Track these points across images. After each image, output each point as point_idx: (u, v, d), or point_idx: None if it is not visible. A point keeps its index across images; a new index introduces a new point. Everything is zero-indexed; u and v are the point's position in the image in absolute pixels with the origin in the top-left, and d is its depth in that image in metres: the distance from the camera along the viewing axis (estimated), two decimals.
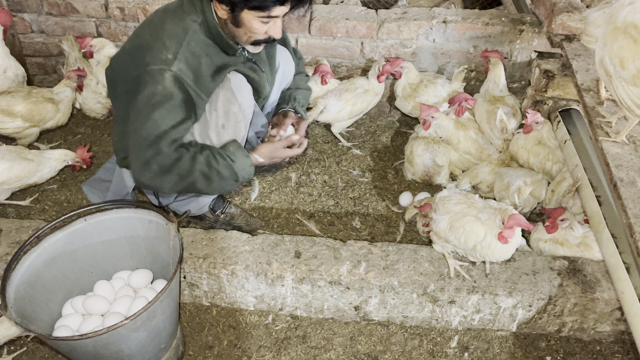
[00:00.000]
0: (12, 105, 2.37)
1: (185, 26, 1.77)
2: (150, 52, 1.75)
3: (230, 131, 1.93)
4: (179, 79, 1.74)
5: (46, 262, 1.73)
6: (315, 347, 1.96)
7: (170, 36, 1.75)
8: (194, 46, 1.78)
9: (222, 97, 1.90)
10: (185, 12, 1.80)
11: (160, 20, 1.81)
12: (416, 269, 1.90)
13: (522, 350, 1.96)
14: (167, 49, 1.74)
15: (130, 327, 1.49)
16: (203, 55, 1.81)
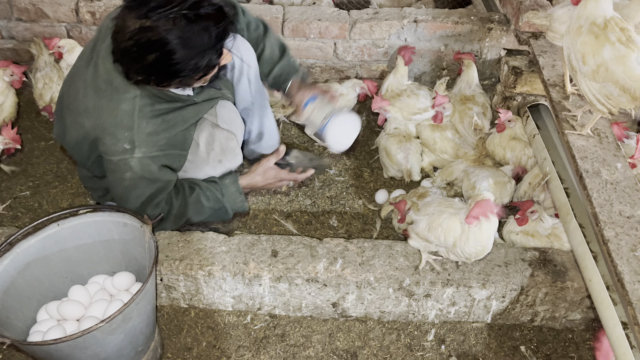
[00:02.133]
0: None
1: (126, 109, 1.65)
2: (102, 144, 1.68)
3: (228, 163, 1.99)
4: (146, 158, 1.72)
5: (19, 268, 1.71)
6: (294, 345, 1.98)
7: (116, 127, 1.65)
8: (146, 125, 1.69)
9: (219, 137, 1.94)
10: (119, 91, 1.65)
11: (95, 107, 1.67)
12: (391, 264, 1.93)
13: (497, 341, 2.00)
14: (120, 140, 1.66)
15: (106, 330, 1.49)
16: (159, 123, 1.73)
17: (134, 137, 1.68)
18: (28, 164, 2.66)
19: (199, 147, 1.96)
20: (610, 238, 1.63)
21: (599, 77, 1.73)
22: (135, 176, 1.74)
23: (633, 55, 1.67)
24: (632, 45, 1.67)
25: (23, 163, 2.68)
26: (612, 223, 1.68)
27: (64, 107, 1.82)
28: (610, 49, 1.69)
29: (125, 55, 1.54)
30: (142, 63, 1.52)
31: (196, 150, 1.95)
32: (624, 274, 1.54)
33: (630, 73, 1.67)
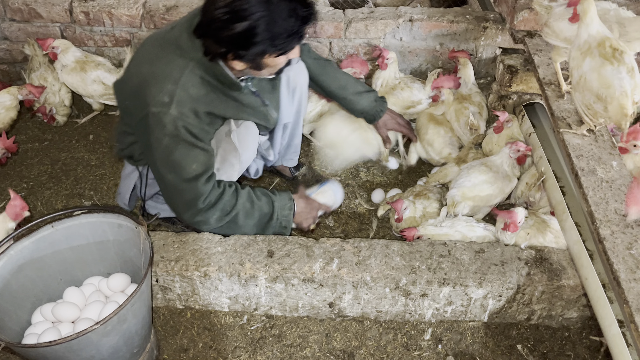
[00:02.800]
0: None
1: (181, 65, 1.69)
2: (149, 92, 1.70)
3: (223, 174, 1.94)
4: (180, 120, 1.69)
5: (13, 270, 1.70)
6: (291, 345, 1.97)
7: (165, 77, 1.68)
8: (191, 86, 1.70)
9: (224, 146, 1.91)
10: (182, 50, 1.70)
11: (156, 56, 1.73)
12: (388, 264, 1.92)
13: (494, 340, 2.00)
14: (163, 91, 1.67)
15: (101, 332, 1.48)
16: (203, 93, 1.74)
17: (175, 92, 1.68)
18: (22, 165, 2.65)
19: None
20: (606, 236, 1.64)
21: (580, 87, 1.82)
22: (172, 135, 1.69)
23: (609, 67, 1.73)
24: (614, 59, 1.73)
25: (17, 165, 2.67)
26: (607, 221, 1.68)
27: (132, 64, 1.85)
28: (590, 60, 1.76)
29: (212, 24, 1.57)
30: (227, 32, 1.56)
31: None
32: (620, 272, 1.54)
33: (603, 81, 1.74)
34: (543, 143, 2.25)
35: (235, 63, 1.68)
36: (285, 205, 1.98)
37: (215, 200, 1.82)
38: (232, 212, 1.87)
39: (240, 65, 1.69)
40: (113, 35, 2.86)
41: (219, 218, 1.86)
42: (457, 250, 1.98)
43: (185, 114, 1.70)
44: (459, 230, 2.09)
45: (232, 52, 1.62)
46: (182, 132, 1.70)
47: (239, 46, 1.60)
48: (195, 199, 1.78)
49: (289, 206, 1.98)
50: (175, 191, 1.81)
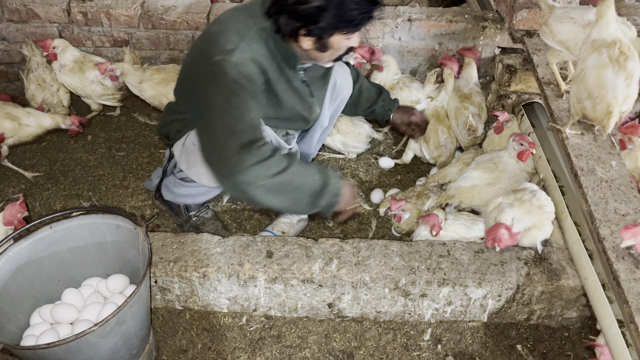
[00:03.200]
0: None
1: (249, 24, 1.76)
2: (214, 45, 1.73)
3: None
4: (241, 65, 1.70)
5: (11, 271, 1.69)
6: (290, 346, 1.97)
7: (232, 30, 1.74)
8: (255, 44, 1.75)
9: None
10: (253, 13, 1.78)
11: (227, 17, 1.81)
12: (387, 264, 1.92)
13: (493, 340, 2.00)
14: (229, 41, 1.72)
15: (100, 334, 1.47)
16: (264, 52, 1.77)
17: (240, 43, 1.71)
18: (20, 165, 2.64)
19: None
20: (605, 236, 1.63)
21: (578, 79, 1.82)
22: (232, 80, 1.69)
23: (610, 70, 1.73)
24: (616, 63, 1.73)
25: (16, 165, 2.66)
26: (607, 221, 1.68)
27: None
28: (596, 57, 1.76)
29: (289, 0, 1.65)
30: (304, 6, 1.64)
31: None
32: (620, 272, 1.54)
33: (600, 81, 1.75)
34: (542, 142, 2.25)
35: (305, 40, 1.74)
36: (336, 174, 1.85)
37: (271, 153, 1.70)
38: (288, 170, 1.71)
39: (308, 44, 1.75)
40: (111, 36, 2.85)
41: (271, 176, 1.69)
42: (457, 250, 1.98)
43: (246, 62, 1.71)
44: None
45: (305, 27, 1.68)
46: (242, 80, 1.71)
47: (313, 20, 1.66)
48: (251, 143, 1.67)
49: (339, 175, 1.87)
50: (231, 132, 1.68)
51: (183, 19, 2.78)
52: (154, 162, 2.70)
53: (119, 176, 2.62)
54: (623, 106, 1.77)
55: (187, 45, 2.88)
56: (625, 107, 1.78)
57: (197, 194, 2.13)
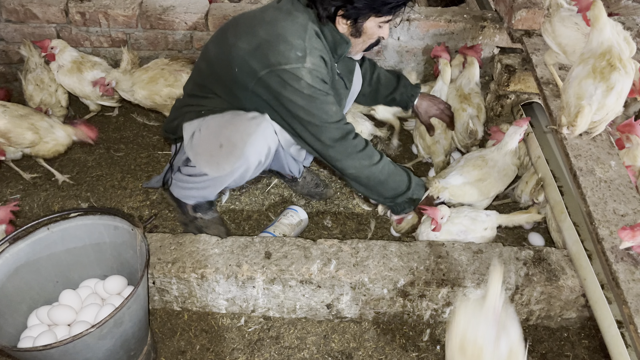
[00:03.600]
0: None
1: (302, 22, 1.80)
2: (275, 53, 1.76)
3: (220, 156, 1.93)
4: (315, 71, 1.79)
5: (8, 273, 1.69)
6: (289, 347, 1.96)
7: (291, 34, 1.77)
8: (315, 40, 1.81)
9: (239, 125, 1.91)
10: (297, 11, 1.82)
11: (274, 18, 1.81)
12: (386, 265, 1.91)
13: None
14: (293, 46, 1.76)
15: (97, 335, 1.47)
16: (321, 47, 1.84)
17: (306, 46, 1.78)
18: (18, 166, 2.63)
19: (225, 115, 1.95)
20: (604, 236, 1.63)
21: (566, 85, 1.86)
22: (309, 86, 1.78)
23: (591, 80, 1.76)
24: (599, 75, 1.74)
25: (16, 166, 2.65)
26: (606, 221, 1.67)
27: (228, 31, 1.90)
28: (581, 68, 1.79)
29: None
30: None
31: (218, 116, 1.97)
32: (619, 272, 1.54)
33: (579, 90, 1.78)
34: (541, 143, 2.24)
35: (341, 23, 1.82)
36: (420, 182, 2.08)
37: (364, 146, 1.92)
38: (379, 163, 1.94)
39: (344, 27, 1.83)
40: (109, 36, 2.84)
41: (367, 166, 1.93)
42: (455, 250, 1.97)
43: (317, 64, 1.80)
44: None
45: (344, 7, 1.76)
46: (318, 82, 1.81)
47: (352, 1, 1.74)
48: (344, 135, 1.87)
49: (422, 184, 2.09)
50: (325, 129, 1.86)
51: (181, 19, 2.78)
52: (153, 163, 2.70)
53: (117, 177, 2.61)
54: (595, 116, 1.79)
55: (186, 45, 2.88)
56: (597, 116, 1.80)
57: (201, 188, 2.11)
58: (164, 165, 2.67)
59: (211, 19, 2.78)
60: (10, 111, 2.32)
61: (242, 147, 1.90)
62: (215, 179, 2.02)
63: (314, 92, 1.80)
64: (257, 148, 1.93)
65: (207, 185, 2.07)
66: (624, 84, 1.74)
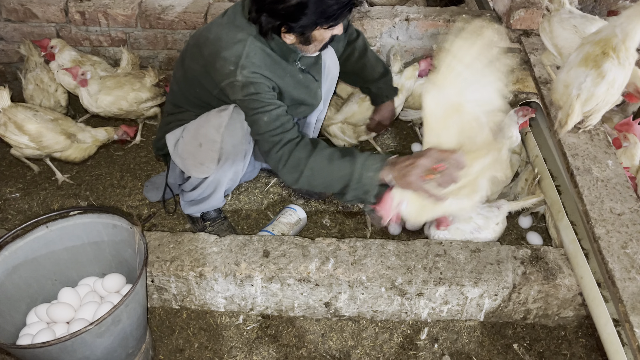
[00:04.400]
0: (25, 122, 2.30)
1: (241, 38, 1.77)
2: (214, 71, 1.78)
3: (202, 155, 1.95)
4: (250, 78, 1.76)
5: (7, 271, 1.69)
6: (287, 345, 1.97)
7: (228, 49, 1.75)
8: (253, 56, 1.77)
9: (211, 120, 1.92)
10: (240, 27, 1.79)
11: (216, 37, 1.80)
12: (384, 263, 1.92)
13: (490, 339, 2.00)
14: (227, 62, 1.75)
15: (95, 333, 1.48)
16: (266, 62, 1.81)
17: (240, 61, 1.75)
18: (18, 165, 2.64)
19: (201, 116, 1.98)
20: (601, 235, 1.64)
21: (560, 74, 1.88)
22: (242, 99, 1.78)
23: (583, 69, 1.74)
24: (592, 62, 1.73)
25: (13, 165, 2.66)
26: (603, 220, 1.68)
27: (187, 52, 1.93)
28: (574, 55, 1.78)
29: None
30: (282, 5, 1.65)
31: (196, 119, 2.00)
32: (615, 271, 1.54)
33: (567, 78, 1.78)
34: (539, 142, 2.25)
35: (287, 36, 1.77)
36: (371, 166, 1.67)
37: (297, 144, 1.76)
38: (305, 169, 1.73)
39: (291, 39, 1.78)
40: (109, 35, 2.85)
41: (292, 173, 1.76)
42: (453, 249, 1.98)
43: (249, 76, 1.76)
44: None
45: (286, 24, 1.71)
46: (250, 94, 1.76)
47: (293, 18, 1.68)
48: (269, 150, 1.79)
49: (376, 167, 1.66)
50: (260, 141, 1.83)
51: (181, 19, 2.78)
52: (151, 162, 2.71)
53: (117, 176, 2.62)
54: (585, 106, 1.76)
55: None
56: (587, 107, 1.77)
57: (207, 197, 2.14)
58: (162, 165, 2.68)
59: (210, 18, 2.79)
60: (42, 115, 2.36)
61: (220, 139, 1.92)
62: (212, 182, 2.04)
63: (247, 103, 1.78)
64: (234, 137, 1.93)
65: (210, 192, 2.10)
66: (617, 75, 1.71)
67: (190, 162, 2.00)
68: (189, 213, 2.28)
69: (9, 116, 2.29)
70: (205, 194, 2.13)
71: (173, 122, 2.09)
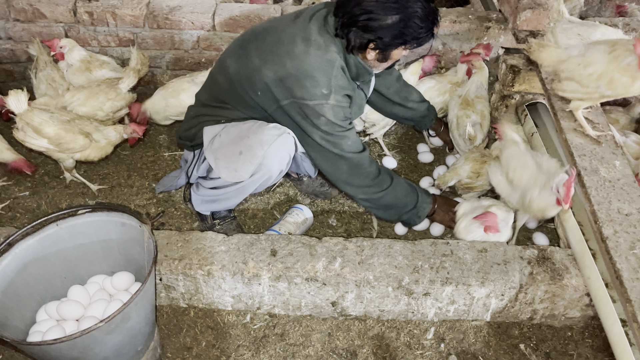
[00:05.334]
0: (43, 125, 2.27)
1: (330, 59, 1.85)
2: (301, 87, 1.83)
3: (239, 163, 1.97)
4: (337, 107, 1.88)
5: (17, 268, 1.71)
6: (294, 344, 1.98)
7: (318, 71, 1.83)
8: (341, 77, 1.88)
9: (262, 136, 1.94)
10: (326, 47, 1.85)
11: (303, 52, 1.84)
12: (391, 263, 1.92)
13: (496, 339, 2.00)
14: (319, 84, 1.83)
15: (105, 330, 1.49)
16: (346, 81, 1.91)
17: (331, 84, 1.85)
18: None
19: (246, 123, 2.00)
20: (608, 236, 1.64)
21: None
22: (327, 122, 1.88)
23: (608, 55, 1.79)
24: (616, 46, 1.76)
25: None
26: (610, 221, 1.68)
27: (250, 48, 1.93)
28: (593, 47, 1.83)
29: (363, 15, 1.75)
30: (378, 22, 1.75)
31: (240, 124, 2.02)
32: (623, 271, 1.55)
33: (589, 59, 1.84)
34: (546, 143, 2.25)
35: (370, 53, 1.86)
36: (426, 200, 2.13)
37: (375, 175, 2.01)
38: (388, 189, 2.03)
39: (372, 55, 1.87)
40: (117, 36, 2.87)
41: (376, 192, 2.03)
42: (460, 249, 1.98)
43: (340, 101, 1.88)
44: None
45: (376, 41, 1.80)
46: (339, 119, 1.89)
47: (384, 35, 1.78)
48: (356, 166, 1.97)
49: (429, 201, 2.14)
50: (339, 159, 1.96)
51: (188, 19, 2.80)
52: (159, 162, 2.72)
53: (124, 175, 2.63)
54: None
55: (192, 45, 2.90)
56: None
57: (224, 199, 2.15)
58: (169, 164, 2.70)
59: (218, 19, 2.80)
60: (57, 116, 2.32)
61: (262, 156, 1.94)
62: (239, 189, 2.05)
63: (331, 128, 1.89)
64: (277, 157, 1.97)
65: (231, 197, 2.11)
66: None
67: (224, 164, 1.99)
68: (200, 210, 2.28)
69: (27, 120, 2.26)
70: (224, 197, 2.13)
71: (211, 115, 2.06)
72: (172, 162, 2.72)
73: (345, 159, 1.95)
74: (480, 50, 2.56)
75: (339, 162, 1.97)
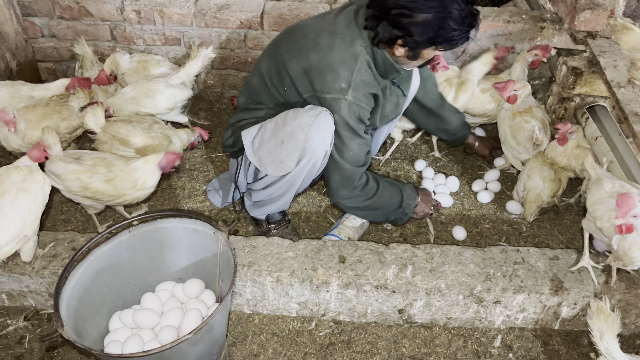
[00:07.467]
0: (130, 135, 2.21)
1: (355, 52, 1.80)
2: (321, 80, 1.81)
3: (283, 152, 1.92)
4: (354, 105, 1.83)
5: (92, 276, 1.68)
6: (361, 352, 1.95)
7: (341, 64, 1.79)
8: (364, 72, 1.82)
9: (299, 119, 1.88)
10: (353, 39, 1.81)
11: (328, 45, 1.81)
12: (463, 271, 1.89)
13: (566, 348, 1.97)
14: (340, 77, 1.79)
15: (191, 341, 1.46)
16: (370, 77, 1.85)
17: (352, 79, 1.80)
18: None
19: (280, 114, 1.96)
20: None
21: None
22: (340, 119, 1.85)
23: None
24: None
25: None
26: None
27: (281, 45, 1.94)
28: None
29: (394, 9, 1.69)
30: (409, 19, 1.69)
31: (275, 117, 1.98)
32: None
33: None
34: (611, 147, 2.21)
35: (399, 49, 1.79)
36: (411, 196, 2.12)
37: (363, 185, 2.00)
38: (374, 196, 2.03)
39: (401, 52, 1.80)
40: (163, 34, 2.83)
41: (363, 200, 2.04)
42: (531, 257, 1.95)
43: (359, 99, 1.83)
44: None
45: (404, 37, 1.73)
46: (353, 118, 1.86)
47: (414, 33, 1.71)
48: (351, 177, 1.96)
49: (413, 196, 2.13)
50: (335, 166, 1.96)
51: (237, 18, 2.75)
52: (207, 163, 2.69)
53: (174, 177, 2.60)
54: None
55: (239, 44, 2.85)
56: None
57: (277, 198, 2.12)
58: (218, 166, 2.66)
59: (266, 17, 2.75)
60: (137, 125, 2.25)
61: (304, 139, 1.87)
62: (288, 181, 2.01)
63: (342, 129, 1.86)
64: (319, 138, 1.88)
65: (282, 192, 2.07)
66: None
67: (269, 159, 1.96)
68: (255, 215, 2.25)
69: (112, 134, 2.18)
70: (276, 194, 2.10)
71: (247, 119, 2.06)
72: (220, 163, 2.69)
73: (341, 169, 1.94)
74: (538, 51, 2.51)
75: (334, 170, 1.96)
